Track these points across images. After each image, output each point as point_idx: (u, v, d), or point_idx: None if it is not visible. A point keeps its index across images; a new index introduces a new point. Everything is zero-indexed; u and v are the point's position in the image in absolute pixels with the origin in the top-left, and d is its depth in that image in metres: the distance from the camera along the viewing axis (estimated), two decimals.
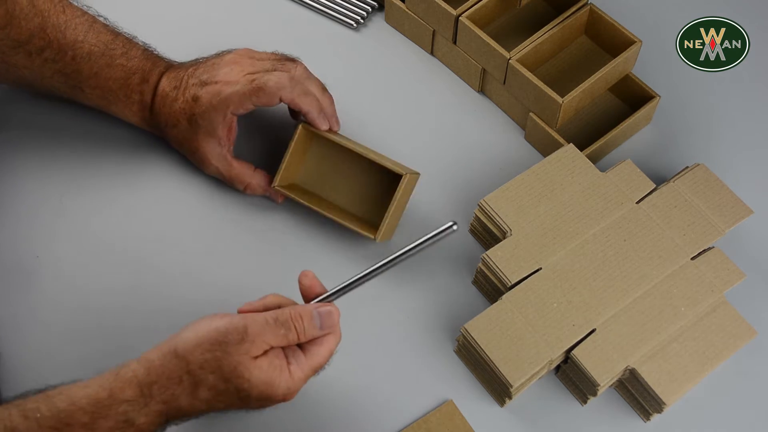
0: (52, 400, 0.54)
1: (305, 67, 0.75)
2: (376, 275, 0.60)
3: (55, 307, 0.73)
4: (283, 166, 0.76)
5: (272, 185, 0.76)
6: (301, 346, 0.59)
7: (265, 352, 0.56)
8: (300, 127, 0.76)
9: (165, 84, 0.75)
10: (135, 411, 0.54)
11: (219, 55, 0.76)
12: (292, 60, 0.75)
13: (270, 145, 0.81)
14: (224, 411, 0.57)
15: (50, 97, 0.80)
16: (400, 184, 0.72)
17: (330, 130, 0.77)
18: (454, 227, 0.58)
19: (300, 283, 0.61)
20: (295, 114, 0.80)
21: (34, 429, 0.52)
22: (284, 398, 0.57)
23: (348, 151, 0.76)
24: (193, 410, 0.56)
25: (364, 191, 0.77)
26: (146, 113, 0.76)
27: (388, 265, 0.60)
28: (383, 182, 0.77)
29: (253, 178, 0.77)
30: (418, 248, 0.60)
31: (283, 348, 0.58)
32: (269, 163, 0.78)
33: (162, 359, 0.55)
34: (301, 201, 0.75)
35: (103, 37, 0.74)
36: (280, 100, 0.73)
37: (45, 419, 0.53)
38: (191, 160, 0.78)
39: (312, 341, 0.59)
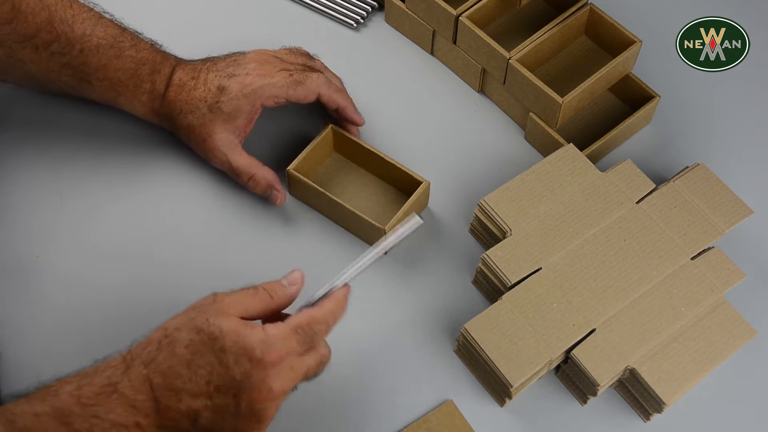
0: (42, 383, 0.55)
1: (323, 64, 0.81)
2: (349, 278, 0.62)
3: (55, 306, 0.73)
4: (302, 155, 0.77)
5: (286, 169, 0.76)
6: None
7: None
8: (330, 127, 0.78)
9: (181, 74, 0.76)
10: (117, 375, 0.55)
11: (236, 53, 0.77)
12: (311, 57, 0.80)
13: (280, 151, 0.82)
14: (208, 378, 0.55)
15: (54, 95, 0.80)
16: (419, 188, 0.75)
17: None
18: (420, 221, 0.62)
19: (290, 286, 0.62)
20: (331, 111, 0.80)
21: (22, 401, 0.53)
22: (263, 356, 0.56)
23: (368, 159, 0.78)
24: (176, 376, 0.55)
25: (375, 201, 0.78)
26: (156, 102, 0.76)
27: (359, 268, 0.62)
28: (396, 195, 0.78)
29: (260, 170, 0.77)
30: (388, 247, 0.62)
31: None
32: (276, 168, 0.79)
33: (145, 336, 0.58)
34: (311, 183, 0.75)
35: (110, 31, 0.75)
36: (317, 97, 0.76)
37: (32, 392, 0.54)
38: (198, 149, 0.78)
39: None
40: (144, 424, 0.54)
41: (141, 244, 0.77)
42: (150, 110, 0.77)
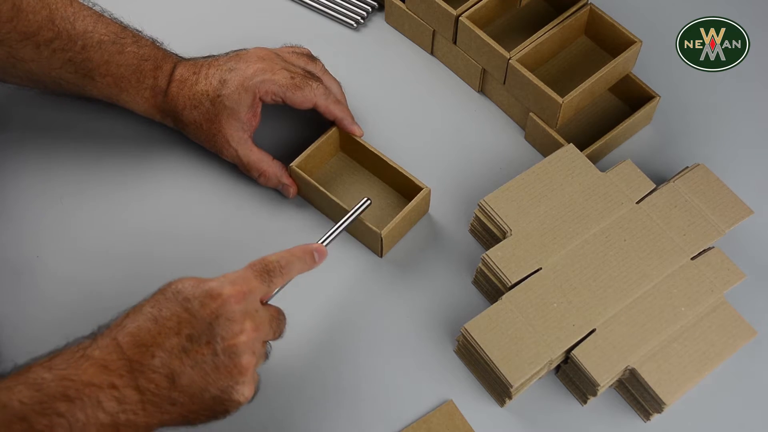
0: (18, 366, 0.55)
1: (323, 66, 0.81)
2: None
3: (55, 306, 0.73)
4: (306, 152, 0.77)
5: (289, 165, 0.76)
6: None
7: None
8: (334, 129, 0.79)
9: (183, 70, 0.76)
10: (86, 343, 0.55)
11: (238, 51, 0.78)
12: (312, 58, 0.80)
13: (291, 145, 0.82)
14: (177, 329, 0.55)
15: (55, 95, 0.80)
16: (419, 195, 0.75)
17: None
18: (368, 202, 0.72)
19: None
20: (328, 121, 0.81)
21: None
22: (225, 291, 0.56)
23: (371, 161, 0.78)
24: (144, 332, 0.55)
25: (375, 203, 0.78)
26: (159, 98, 0.77)
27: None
28: (397, 199, 0.78)
29: (270, 166, 0.77)
30: (339, 229, 0.69)
31: None
32: (284, 160, 0.79)
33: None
34: (311, 181, 0.75)
35: (112, 28, 0.75)
36: (314, 107, 0.76)
37: (9, 373, 0.54)
38: (208, 145, 0.78)
39: None
40: (119, 385, 0.54)
41: (141, 243, 0.77)
42: (153, 106, 0.77)
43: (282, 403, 0.70)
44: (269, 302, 0.62)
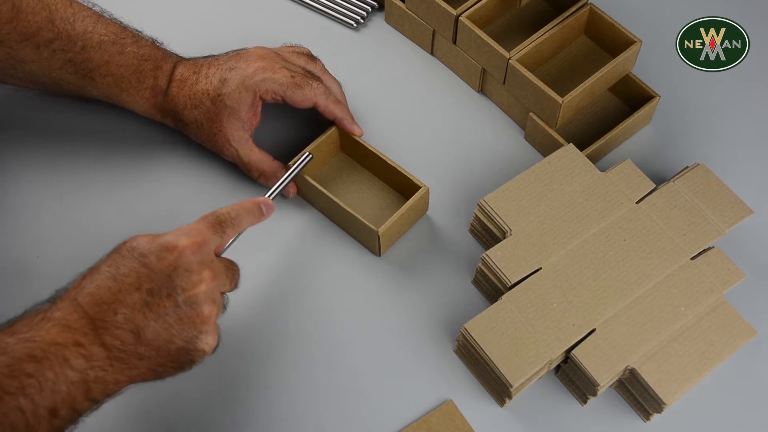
0: None
1: (323, 66, 0.81)
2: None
3: None
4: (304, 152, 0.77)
5: (288, 164, 0.76)
6: None
7: None
8: (334, 128, 0.79)
9: (183, 70, 0.76)
10: (45, 307, 0.56)
11: (238, 50, 0.78)
12: (312, 57, 0.80)
13: (291, 145, 0.82)
14: (137, 284, 0.56)
15: (55, 96, 0.80)
16: (417, 194, 0.74)
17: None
18: (310, 156, 0.76)
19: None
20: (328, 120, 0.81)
21: None
22: (180, 242, 0.57)
23: (371, 161, 0.78)
24: (104, 290, 0.56)
25: (374, 202, 0.78)
26: (159, 98, 0.77)
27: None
28: (396, 198, 0.78)
29: (271, 166, 0.77)
30: (283, 183, 0.73)
31: None
32: (284, 160, 0.79)
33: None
34: (309, 180, 0.75)
35: (112, 28, 0.75)
36: (314, 106, 0.77)
37: None
38: (209, 145, 0.78)
39: None
40: (84, 342, 0.54)
41: None
42: (153, 106, 0.77)
43: (281, 403, 0.70)
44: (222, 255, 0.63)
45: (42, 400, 0.51)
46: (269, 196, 0.70)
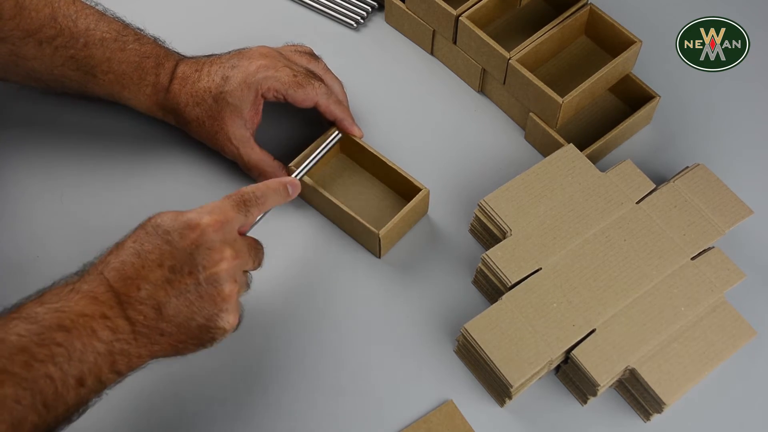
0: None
1: (325, 66, 0.81)
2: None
3: None
4: (305, 153, 0.77)
5: (288, 165, 0.76)
6: None
7: None
8: (335, 128, 0.79)
9: (185, 68, 0.76)
10: (73, 280, 0.57)
11: (240, 49, 0.78)
12: (315, 57, 0.80)
13: (291, 145, 0.82)
14: (159, 261, 0.57)
15: (56, 94, 0.80)
16: (417, 196, 0.74)
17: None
18: (339, 135, 0.77)
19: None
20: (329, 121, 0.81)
21: None
22: (203, 221, 0.58)
23: (371, 162, 0.78)
24: (128, 266, 0.57)
25: (374, 204, 0.78)
26: (160, 96, 0.77)
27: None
28: (396, 200, 0.78)
29: (271, 166, 0.77)
30: (312, 162, 0.74)
31: None
32: (284, 160, 0.79)
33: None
34: (309, 181, 0.75)
35: (114, 26, 0.75)
36: (315, 106, 0.77)
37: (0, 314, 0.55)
38: (210, 143, 0.78)
39: None
40: (110, 315, 0.55)
41: None
42: (154, 104, 0.77)
43: (281, 403, 0.70)
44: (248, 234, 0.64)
45: (70, 369, 0.53)
46: (296, 176, 0.70)
